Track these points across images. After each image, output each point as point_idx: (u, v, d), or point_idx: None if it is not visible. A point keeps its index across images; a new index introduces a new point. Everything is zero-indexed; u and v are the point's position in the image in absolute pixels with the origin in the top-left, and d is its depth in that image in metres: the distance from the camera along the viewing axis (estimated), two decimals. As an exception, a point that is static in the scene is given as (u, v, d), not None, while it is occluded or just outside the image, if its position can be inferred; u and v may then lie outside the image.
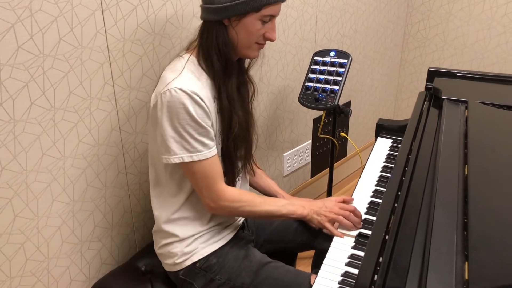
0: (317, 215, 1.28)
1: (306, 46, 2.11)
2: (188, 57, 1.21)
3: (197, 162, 1.16)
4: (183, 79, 1.13)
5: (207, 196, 1.21)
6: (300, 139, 2.30)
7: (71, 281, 1.42)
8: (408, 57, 2.97)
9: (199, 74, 1.19)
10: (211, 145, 1.18)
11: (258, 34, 1.19)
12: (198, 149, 1.15)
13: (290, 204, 1.29)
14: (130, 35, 1.35)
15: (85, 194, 1.38)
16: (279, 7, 1.20)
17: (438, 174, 1.04)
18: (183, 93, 1.11)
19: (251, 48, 1.22)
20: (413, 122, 1.44)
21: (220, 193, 1.21)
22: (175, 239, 1.28)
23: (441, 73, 1.70)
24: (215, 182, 1.20)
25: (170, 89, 1.11)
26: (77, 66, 1.25)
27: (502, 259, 0.75)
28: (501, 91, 1.54)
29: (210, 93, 1.19)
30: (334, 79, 1.68)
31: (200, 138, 1.15)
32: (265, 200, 1.28)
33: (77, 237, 1.40)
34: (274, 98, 2.04)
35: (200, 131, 1.15)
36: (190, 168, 1.18)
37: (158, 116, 1.14)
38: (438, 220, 0.88)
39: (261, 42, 1.23)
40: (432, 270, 0.75)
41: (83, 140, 1.32)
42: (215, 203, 1.21)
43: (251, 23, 1.16)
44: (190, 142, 1.14)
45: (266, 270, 1.25)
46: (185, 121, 1.12)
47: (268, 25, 1.20)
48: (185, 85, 1.12)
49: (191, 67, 1.19)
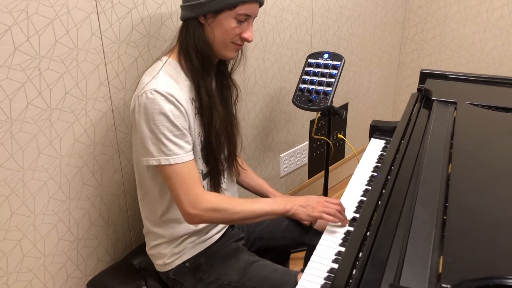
0: (303, 207, 1.26)
1: (302, 49, 2.14)
2: (166, 59, 1.22)
3: (174, 165, 1.15)
4: (159, 81, 1.15)
5: (186, 202, 1.17)
6: (296, 140, 2.33)
7: (67, 278, 1.45)
8: (406, 59, 2.99)
9: (177, 75, 1.21)
10: (188, 148, 1.18)
11: (234, 33, 1.20)
12: (175, 152, 1.15)
13: (272, 202, 1.27)
14: (125, 37, 1.38)
15: (81, 193, 1.41)
16: (256, 7, 1.21)
17: (422, 173, 1.06)
18: (159, 95, 1.12)
19: (228, 48, 1.23)
20: (403, 123, 1.46)
21: (199, 197, 1.17)
22: (164, 240, 1.30)
23: (433, 75, 1.73)
24: (193, 186, 1.17)
25: (146, 91, 1.13)
26: (73, 67, 1.28)
27: (476, 253, 0.77)
28: (491, 92, 1.56)
29: (187, 95, 1.21)
30: (327, 81, 1.71)
31: (177, 141, 1.15)
32: (246, 200, 1.25)
33: (73, 234, 1.43)
34: (270, 99, 2.06)
35: (176, 133, 1.15)
36: (167, 171, 1.17)
37: (136, 118, 1.16)
38: (417, 216, 0.90)
39: (237, 42, 1.23)
40: (408, 263, 0.77)
41: (79, 140, 1.36)
42: (194, 208, 1.17)
43: (226, 21, 1.18)
44: (166, 145, 1.14)
45: (254, 268, 1.27)
46: (160, 122, 1.13)
47: (244, 25, 1.21)
48: (161, 87, 1.13)
49: (168, 69, 1.20)
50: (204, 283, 1.28)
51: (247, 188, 1.55)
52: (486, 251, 0.78)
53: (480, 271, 0.72)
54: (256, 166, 2.11)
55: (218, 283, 1.26)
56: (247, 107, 1.95)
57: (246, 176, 1.52)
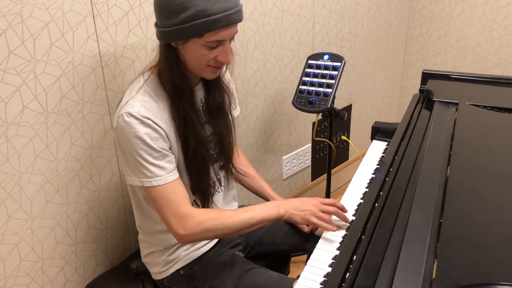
0: (300, 210, 1.21)
1: (304, 50, 2.13)
2: (148, 75, 1.17)
3: (157, 187, 1.11)
4: (135, 103, 1.10)
5: (174, 223, 1.13)
6: (299, 143, 2.31)
7: (66, 282, 1.45)
8: (411, 60, 2.96)
9: (157, 94, 1.15)
10: (170, 168, 1.14)
11: (207, 58, 1.11)
12: (157, 174, 1.11)
13: (264, 208, 1.20)
14: (122, 40, 1.38)
15: (79, 196, 1.41)
16: (230, 31, 1.09)
17: (420, 175, 1.04)
18: (133, 119, 1.08)
19: (205, 71, 1.16)
20: (404, 124, 1.44)
21: (187, 216, 1.13)
22: (157, 249, 1.29)
23: (435, 75, 1.70)
24: (180, 206, 1.13)
25: (123, 113, 1.09)
26: (69, 70, 1.28)
27: (470, 259, 0.75)
28: (494, 93, 1.53)
29: (168, 114, 1.15)
30: (328, 82, 1.69)
31: (157, 162, 1.11)
32: (236, 211, 1.20)
33: (72, 238, 1.43)
34: (272, 101, 2.05)
35: (156, 155, 1.11)
36: (151, 193, 1.13)
37: (118, 138, 1.13)
38: (413, 220, 0.88)
39: (214, 65, 1.14)
40: (401, 269, 0.76)
41: (76, 143, 1.35)
42: (184, 229, 1.12)
43: (195, 49, 1.09)
44: (147, 167, 1.10)
45: (249, 276, 1.24)
46: (138, 146, 1.09)
47: (219, 49, 1.11)
48: (136, 110, 1.08)
49: (149, 87, 1.15)
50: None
51: (249, 190, 1.53)
52: (481, 256, 0.75)
53: (474, 277, 0.70)
54: (258, 169, 2.10)
55: (213, 291, 1.25)
56: (248, 109, 1.94)
57: (249, 180, 1.50)
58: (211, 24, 1.05)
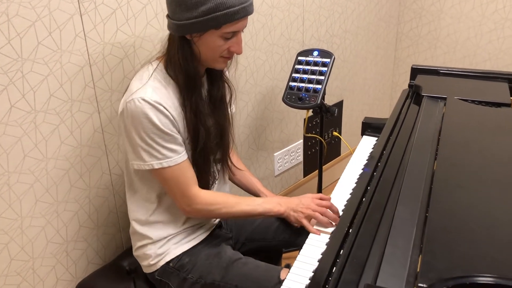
0: (294, 211, 1.28)
1: (294, 47, 2.13)
2: (157, 64, 1.21)
3: (167, 168, 1.17)
4: (147, 89, 1.14)
5: (181, 201, 1.23)
6: (291, 139, 2.31)
7: (57, 281, 1.45)
8: (402, 55, 2.97)
9: (166, 82, 1.19)
10: (180, 150, 1.19)
11: (221, 49, 1.18)
12: (167, 156, 1.16)
13: (266, 203, 1.29)
14: (110, 38, 1.37)
15: (69, 195, 1.41)
16: (243, 22, 1.17)
17: (407, 170, 1.05)
18: (146, 103, 1.12)
19: (217, 61, 1.21)
20: (392, 119, 1.45)
21: (194, 198, 1.22)
22: (149, 241, 1.30)
23: (424, 71, 1.71)
24: (188, 187, 1.21)
25: (134, 98, 1.12)
26: (57, 69, 1.27)
27: (454, 252, 0.76)
28: (482, 87, 1.54)
29: (177, 101, 1.19)
30: (317, 78, 1.69)
31: (168, 145, 1.16)
32: (240, 201, 1.28)
33: (62, 237, 1.43)
34: (262, 98, 2.05)
35: (167, 138, 1.15)
36: (161, 174, 1.19)
37: (125, 123, 1.16)
38: (399, 215, 0.89)
39: (226, 56, 1.21)
40: (386, 263, 0.76)
41: (65, 142, 1.35)
42: (190, 207, 1.23)
43: (212, 40, 1.15)
44: (158, 150, 1.15)
45: (236, 266, 1.26)
46: (150, 130, 1.13)
47: (232, 40, 1.18)
48: (148, 95, 1.12)
49: (158, 75, 1.19)
50: (188, 283, 1.27)
51: (240, 187, 1.54)
52: (464, 250, 0.76)
53: (457, 269, 0.71)
54: (250, 166, 2.10)
55: (201, 282, 1.26)
56: (239, 106, 1.94)
57: (240, 175, 1.51)
58: (231, 16, 1.11)
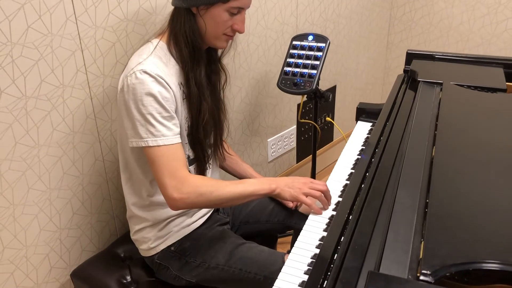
0: (289, 187, 1.24)
1: (288, 31, 2.10)
2: (157, 42, 1.21)
3: (161, 146, 1.14)
4: (148, 63, 1.13)
5: (170, 185, 1.13)
6: (284, 125, 2.30)
7: (51, 268, 1.43)
8: (395, 40, 2.96)
9: (166, 60, 1.19)
10: (176, 131, 1.17)
11: (226, 25, 1.19)
12: (163, 133, 1.14)
13: (256, 182, 1.24)
14: (102, 21, 1.34)
15: (61, 182, 1.38)
16: (249, 0, 1.20)
17: (405, 156, 1.05)
18: (148, 76, 1.11)
19: (219, 39, 1.23)
20: (388, 105, 1.44)
21: (184, 180, 1.15)
22: (147, 224, 1.29)
23: (420, 56, 1.70)
24: (178, 169, 1.15)
25: (136, 71, 1.12)
26: (48, 54, 1.24)
27: (456, 238, 0.76)
28: (477, 73, 1.54)
29: (176, 80, 1.19)
30: (312, 63, 1.68)
31: (165, 122, 1.15)
32: (230, 182, 1.23)
33: (56, 224, 1.41)
34: (256, 83, 2.03)
35: (165, 114, 1.14)
36: (154, 153, 1.15)
37: (125, 99, 1.14)
38: (400, 201, 0.89)
39: (229, 34, 1.22)
40: (388, 250, 0.76)
41: (57, 128, 1.32)
42: (179, 192, 1.14)
43: (218, 14, 1.17)
44: (154, 125, 1.13)
45: (241, 250, 1.26)
46: (149, 103, 1.12)
47: (237, 17, 1.20)
48: (150, 68, 1.12)
49: (159, 52, 1.19)
50: (190, 266, 1.27)
51: (232, 173, 1.53)
52: (466, 236, 0.76)
53: (460, 256, 0.71)
54: (243, 152, 2.09)
55: (205, 266, 1.26)
56: (232, 92, 1.92)
57: (231, 162, 1.50)
58: None
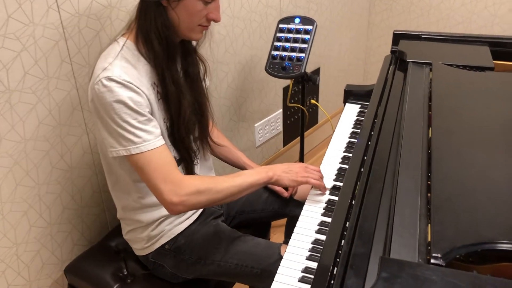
0: (286, 173, 1.22)
1: (272, 14, 2.08)
2: (123, 42, 1.11)
3: (145, 153, 1.07)
4: (114, 68, 1.05)
5: (166, 190, 1.07)
6: (270, 109, 2.29)
7: (43, 265, 1.40)
8: (376, 20, 2.95)
9: (135, 61, 1.10)
10: (157, 133, 1.09)
11: (201, 15, 1.11)
12: (145, 138, 1.06)
13: (253, 173, 1.20)
14: (85, 9, 1.29)
15: (50, 177, 1.35)
16: None
17: (403, 137, 1.05)
18: (115, 83, 1.03)
19: (194, 31, 1.14)
20: (379, 87, 1.44)
21: (180, 182, 1.08)
22: (140, 225, 1.25)
23: (406, 36, 1.70)
24: (171, 172, 1.09)
25: (101, 79, 1.03)
26: (30, 44, 1.19)
27: (462, 219, 0.76)
28: (464, 52, 1.55)
29: (148, 81, 1.11)
30: (300, 47, 1.66)
31: (143, 127, 1.07)
32: (227, 176, 1.18)
33: (46, 220, 1.37)
34: (242, 68, 2.01)
35: (141, 119, 1.06)
36: (139, 160, 1.07)
37: (96, 109, 1.07)
38: (402, 184, 0.89)
39: (204, 24, 1.14)
40: (396, 234, 0.76)
41: (43, 122, 1.28)
42: (177, 195, 1.07)
43: (192, 4, 1.08)
44: (133, 132, 1.05)
45: (236, 244, 1.24)
46: (121, 110, 1.03)
47: (211, 6, 1.11)
48: (116, 74, 1.03)
49: (126, 53, 1.10)
50: (186, 264, 1.25)
51: (225, 161, 1.51)
52: (472, 216, 0.77)
53: (468, 237, 0.72)
54: (231, 138, 2.07)
55: (201, 263, 1.24)
56: (219, 77, 1.89)
57: (224, 150, 1.47)
58: None
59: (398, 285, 0.64)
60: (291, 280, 0.98)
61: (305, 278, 0.97)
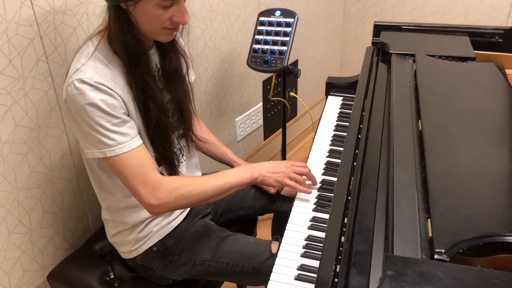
0: (272, 173, 1.19)
1: (250, 6, 2.04)
2: (98, 41, 1.07)
3: (121, 155, 1.03)
4: (87, 69, 1.01)
5: (145, 193, 1.05)
6: (251, 103, 2.26)
7: (23, 272, 1.35)
8: (351, 11, 2.96)
9: (109, 60, 1.06)
10: (133, 134, 1.06)
11: (161, 19, 1.04)
12: (119, 141, 1.03)
13: (237, 173, 1.18)
14: (60, 5, 1.23)
15: (29, 181, 1.29)
16: None
17: (393, 131, 1.04)
18: (86, 85, 0.99)
19: (160, 33, 1.08)
20: (364, 79, 1.43)
21: (158, 185, 1.06)
22: (126, 227, 1.22)
23: (387, 27, 1.70)
24: (149, 174, 1.06)
25: (74, 81, 0.99)
26: (3, 43, 1.13)
27: (461, 213, 0.76)
28: (445, 42, 1.56)
29: (123, 80, 1.07)
30: (282, 40, 1.64)
31: (117, 129, 1.03)
32: (209, 177, 1.16)
33: (25, 226, 1.32)
34: (221, 62, 1.97)
35: (115, 121, 1.02)
36: (116, 163, 1.05)
37: (70, 110, 1.03)
38: (397, 178, 0.88)
39: (169, 27, 1.07)
40: (397, 230, 0.75)
41: (20, 124, 1.22)
42: (156, 198, 1.05)
43: (148, 10, 1.01)
44: (107, 135, 1.02)
45: (226, 243, 1.22)
46: (94, 113, 1.00)
47: (174, 9, 1.04)
48: (89, 76, 1.00)
49: (100, 53, 1.05)
50: (175, 265, 1.22)
51: (211, 157, 1.48)
52: (471, 209, 0.77)
53: (469, 231, 0.72)
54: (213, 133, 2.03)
55: (191, 264, 1.21)
56: (199, 72, 1.86)
57: (210, 146, 1.45)
58: None
59: (405, 283, 0.63)
60: (287, 278, 0.96)
61: (301, 276, 0.96)
